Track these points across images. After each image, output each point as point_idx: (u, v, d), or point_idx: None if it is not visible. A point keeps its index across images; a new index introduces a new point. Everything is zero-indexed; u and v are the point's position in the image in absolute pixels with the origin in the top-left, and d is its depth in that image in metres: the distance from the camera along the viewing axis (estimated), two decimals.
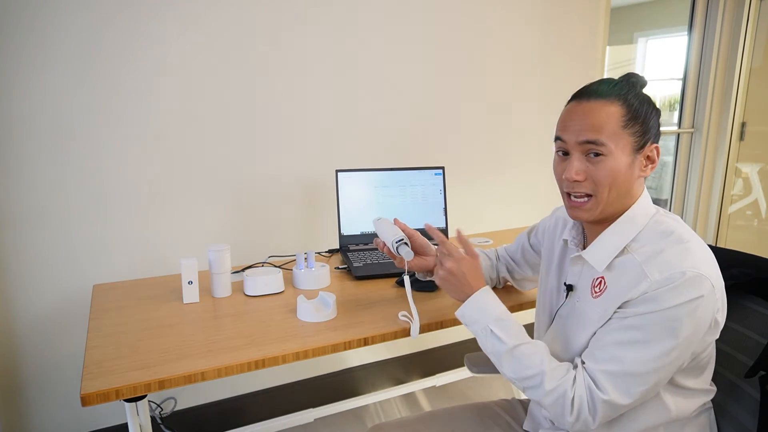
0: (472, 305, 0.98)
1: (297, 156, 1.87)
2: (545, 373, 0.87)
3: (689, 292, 0.79)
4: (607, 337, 0.85)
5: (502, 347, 0.91)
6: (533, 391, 0.88)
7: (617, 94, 0.86)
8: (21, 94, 1.48)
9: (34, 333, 1.61)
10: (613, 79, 0.91)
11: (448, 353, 2.37)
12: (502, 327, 0.93)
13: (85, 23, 1.51)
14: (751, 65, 2.92)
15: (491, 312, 0.95)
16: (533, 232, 1.24)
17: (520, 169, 2.36)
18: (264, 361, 1.02)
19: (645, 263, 0.83)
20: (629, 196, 0.89)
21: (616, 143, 0.85)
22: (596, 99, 0.87)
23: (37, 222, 1.56)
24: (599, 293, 0.90)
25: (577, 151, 0.88)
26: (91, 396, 0.89)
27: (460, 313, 1.00)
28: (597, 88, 0.88)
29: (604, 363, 0.83)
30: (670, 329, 0.79)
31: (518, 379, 0.90)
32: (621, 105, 0.86)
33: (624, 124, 0.85)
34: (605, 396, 0.82)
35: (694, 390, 0.91)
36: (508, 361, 0.91)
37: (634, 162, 0.87)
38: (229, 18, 1.68)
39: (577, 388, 0.84)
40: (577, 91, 0.92)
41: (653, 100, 0.90)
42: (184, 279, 1.28)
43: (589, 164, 0.87)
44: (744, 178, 3.13)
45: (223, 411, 1.93)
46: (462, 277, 1.00)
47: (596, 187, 0.87)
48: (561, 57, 2.34)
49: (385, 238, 1.15)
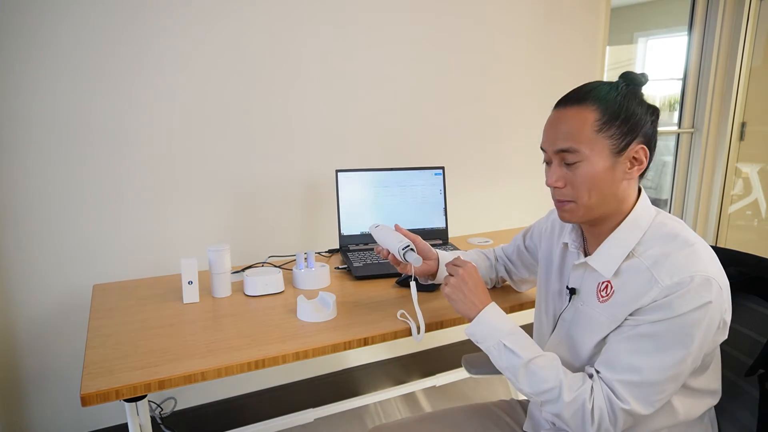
0: (482, 322, 0.97)
1: (297, 156, 1.88)
2: (563, 385, 0.86)
3: (700, 296, 0.79)
4: (621, 346, 0.84)
5: (517, 361, 0.91)
6: (552, 405, 0.87)
7: (592, 99, 0.86)
8: (22, 94, 1.48)
9: (34, 333, 1.62)
10: (595, 82, 0.90)
11: (448, 353, 2.37)
12: (514, 341, 0.93)
13: (87, 27, 1.51)
14: (751, 65, 2.92)
15: (502, 327, 0.95)
16: (528, 234, 1.24)
17: (520, 169, 2.36)
18: (264, 361, 1.01)
19: (653, 268, 0.83)
20: (617, 199, 0.88)
21: (591, 148, 0.85)
22: (570, 106, 0.88)
23: (37, 222, 1.56)
24: (606, 297, 0.90)
25: (556, 159, 0.90)
26: (91, 396, 0.89)
27: (470, 332, 0.99)
28: (573, 94, 0.89)
29: (622, 373, 0.83)
30: (684, 336, 0.80)
31: (536, 393, 0.89)
32: (595, 109, 0.85)
33: (599, 128, 0.85)
34: (626, 406, 0.82)
35: (700, 391, 0.90)
36: (524, 376, 0.90)
37: (616, 165, 0.86)
38: (229, 19, 1.68)
39: (596, 398, 0.84)
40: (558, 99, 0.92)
41: (647, 100, 0.89)
42: (184, 279, 1.28)
43: (567, 171, 0.88)
44: (744, 178, 3.13)
45: (223, 411, 1.94)
46: (472, 285, 1.00)
47: (575, 192, 0.88)
48: (561, 57, 2.34)
49: (389, 245, 1.14)
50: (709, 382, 0.91)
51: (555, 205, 0.94)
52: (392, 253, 1.14)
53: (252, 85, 1.76)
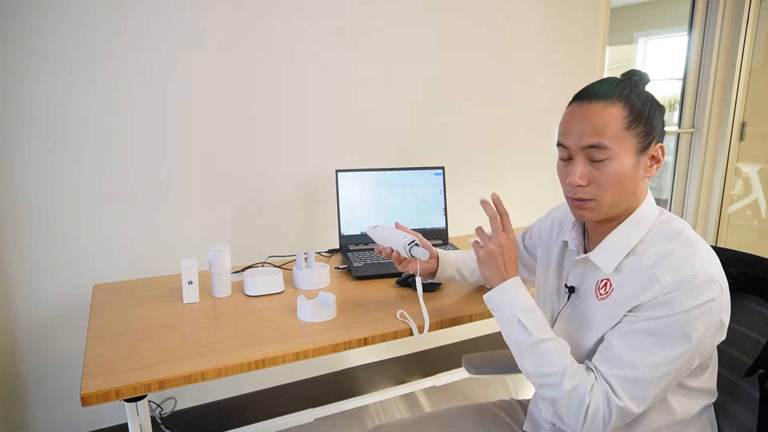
0: (503, 291, 0.95)
1: (297, 156, 1.88)
2: (566, 372, 0.85)
3: (701, 295, 0.78)
4: (618, 341, 0.84)
5: (527, 339, 0.89)
6: (550, 389, 0.86)
7: (619, 94, 0.84)
8: (22, 93, 1.48)
9: (35, 333, 1.62)
10: (615, 78, 0.89)
11: (448, 353, 2.37)
12: (530, 318, 0.91)
13: (88, 26, 1.51)
14: (751, 65, 2.92)
15: (521, 301, 0.93)
16: (527, 234, 1.23)
17: (520, 169, 2.36)
18: (264, 361, 1.02)
19: (655, 266, 0.82)
20: (634, 197, 0.88)
21: (620, 145, 0.83)
22: (597, 100, 0.85)
23: (37, 222, 1.56)
24: (605, 295, 0.89)
25: (580, 156, 0.86)
26: (91, 396, 0.89)
27: (488, 297, 0.97)
28: (598, 88, 0.86)
29: (618, 368, 0.82)
30: (682, 333, 0.79)
31: (537, 375, 0.88)
32: (623, 105, 0.84)
33: (627, 125, 0.83)
34: (621, 403, 0.81)
35: (696, 390, 0.90)
36: (529, 354, 0.89)
37: (639, 163, 0.85)
38: (230, 19, 1.68)
39: (594, 393, 0.83)
40: (577, 93, 0.89)
41: (656, 98, 0.88)
42: (184, 279, 1.28)
43: (593, 168, 0.85)
44: (744, 178, 3.13)
45: (223, 411, 1.94)
46: (508, 257, 0.97)
47: (599, 191, 0.86)
48: (561, 57, 2.34)
49: (392, 242, 1.13)
50: (706, 381, 0.91)
51: (571, 204, 0.91)
52: (396, 250, 1.12)
53: (252, 85, 1.76)
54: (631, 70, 0.89)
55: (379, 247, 1.18)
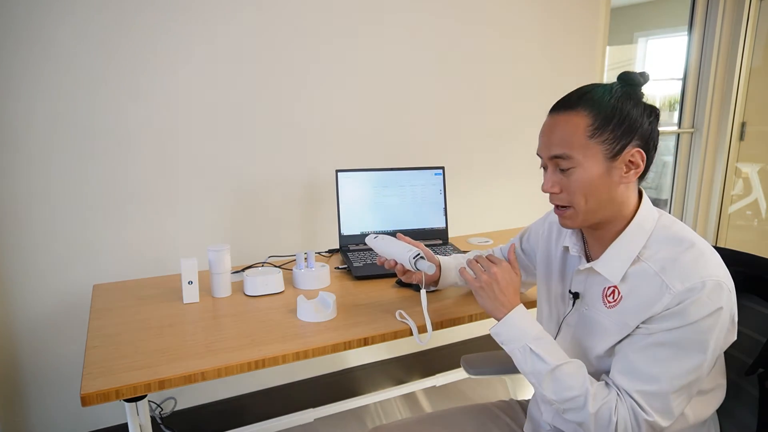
0: (510, 324, 0.95)
1: (297, 156, 1.88)
2: (588, 394, 0.84)
3: (712, 302, 0.78)
4: (637, 356, 0.83)
5: (543, 367, 0.88)
6: (575, 413, 0.86)
7: (584, 104, 0.85)
8: (23, 93, 1.48)
9: (34, 333, 1.62)
10: (589, 86, 0.89)
11: (448, 353, 2.37)
12: (541, 346, 0.90)
13: (89, 26, 1.51)
14: (751, 65, 2.92)
15: (529, 331, 0.92)
16: (525, 237, 1.23)
17: (520, 169, 2.36)
18: (264, 361, 1.01)
19: (662, 272, 0.82)
20: (615, 203, 0.88)
21: (583, 154, 0.85)
22: (562, 112, 0.87)
23: (37, 222, 1.56)
24: (614, 303, 0.89)
25: (551, 165, 0.90)
26: (91, 396, 0.89)
27: (495, 332, 0.96)
28: (567, 99, 0.88)
29: (640, 382, 0.82)
30: (699, 342, 0.79)
31: (559, 401, 0.87)
32: (587, 114, 0.84)
33: (591, 134, 0.84)
34: (649, 417, 0.81)
35: (707, 391, 0.90)
36: (548, 383, 0.88)
37: (611, 170, 0.85)
38: (230, 20, 1.68)
39: (620, 410, 0.82)
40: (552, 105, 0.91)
41: (646, 100, 0.87)
42: (184, 279, 1.28)
43: (562, 176, 0.88)
44: (744, 178, 3.13)
45: (223, 411, 1.94)
46: (504, 285, 0.97)
47: (571, 198, 0.88)
48: (561, 57, 2.34)
49: (396, 255, 1.13)
50: (713, 379, 0.91)
51: (555, 212, 0.94)
52: (401, 263, 1.12)
53: (253, 85, 1.76)
54: (622, 73, 0.89)
55: (382, 258, 1.18)
